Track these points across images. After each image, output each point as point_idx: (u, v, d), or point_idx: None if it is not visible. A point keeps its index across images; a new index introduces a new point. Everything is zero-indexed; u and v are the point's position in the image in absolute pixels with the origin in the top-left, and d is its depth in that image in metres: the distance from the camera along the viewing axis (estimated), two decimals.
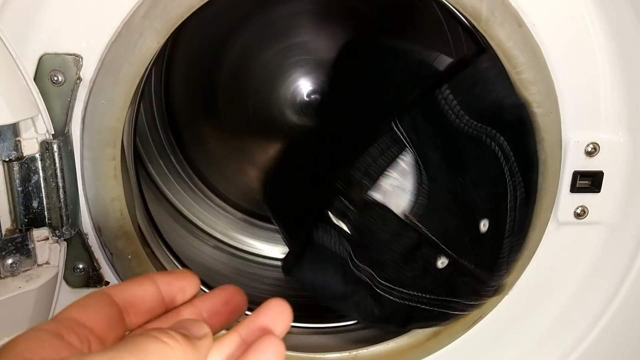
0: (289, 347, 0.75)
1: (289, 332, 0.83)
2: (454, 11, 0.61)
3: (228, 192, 1.10)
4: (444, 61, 0.68)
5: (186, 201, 1.06)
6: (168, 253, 0.82)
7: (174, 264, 0.82)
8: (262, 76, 1.02)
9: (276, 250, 1.07)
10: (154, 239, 0.78)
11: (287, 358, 0.75)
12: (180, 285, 0.40)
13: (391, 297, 0.67)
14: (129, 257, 0.67)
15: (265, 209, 0.99)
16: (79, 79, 0.59)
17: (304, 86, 1.01)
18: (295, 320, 0.82)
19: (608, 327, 0.73)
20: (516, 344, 0.76)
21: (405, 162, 0.64)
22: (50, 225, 0.60)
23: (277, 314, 0.39)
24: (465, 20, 0.61)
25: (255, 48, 1.01)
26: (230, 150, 1.10)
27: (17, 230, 0.58)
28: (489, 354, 0.77)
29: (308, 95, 1.01)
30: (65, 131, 0.60)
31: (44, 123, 0.57)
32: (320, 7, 1.00)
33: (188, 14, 0.58)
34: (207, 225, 1.06)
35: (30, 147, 0.57)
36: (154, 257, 0.75)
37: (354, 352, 0.75)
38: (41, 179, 0.58)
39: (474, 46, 0.66)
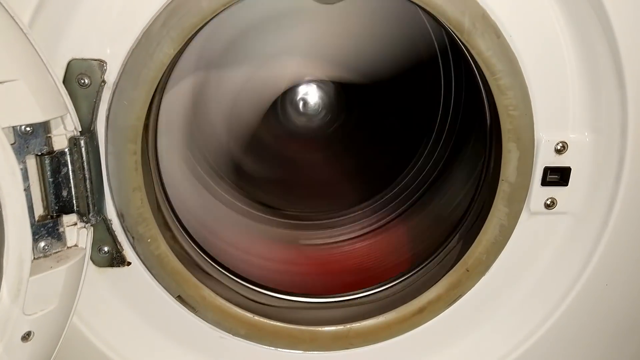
0: (288, 321, 0.76)
1: (288, 307, 0.84)
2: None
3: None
4: None
5: None
6: (186, 237, 0.82)
7: (192, 246, 0.82)
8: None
9: None
10: (175, 225, 0.78)
11: (288, 330, 0.76)
12: None
13: None
14: (148, 240, 0.67)
15: None
16: (103, 82, 0.59)
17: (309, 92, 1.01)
18: (294, 296, 0.84)
19: (573, 303, 0.74)
20: (491, 319, 0.77)
21: None
22: (78, 212, 0.61)
23: None
24: (449, 30, 0.62)
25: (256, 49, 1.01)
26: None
27: (49, 216, 0.58)
28: (467, 328, 0.78)
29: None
30: (91, 128, 0.60)
31: (72, 121, 0.58)
32: None
33: (201, 24, 0.59)
34: None
35: (59, 142, 0.58)
36: (174, 241, 0.75)
37: (348, 326, 0.76)
38: (70, 171, 0.59)
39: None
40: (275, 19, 0.96)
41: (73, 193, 0.60)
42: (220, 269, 0.84)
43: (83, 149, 0.59)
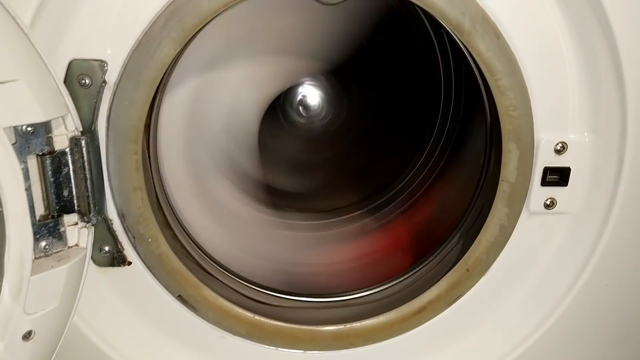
0: (289, 321, 0.76)
1: (289, 307, 0.84)
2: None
3: None
4: None
5: None
6: (187, 235, 0.83)
7: (192, 244, 0.83)
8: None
9: None
10: (176, 223, 0.79)
11: (288, 330, 0.76)
12: None
13: None
14: (149, 240, 0.68)
15: None
16: (104, 82, 0.59)
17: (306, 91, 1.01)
18: (295, 296, 0.84)
19: (573, 303, 0.74)
20: (491, 319, 0.77)
21: None
22: (79, 212, 0.61)
23: None
24: (449, 31, 0.62)
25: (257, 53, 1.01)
26: None
27: (50, 216, 0.58)
28: (467, 328, 0.78)
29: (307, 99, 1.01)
30: (92, 128, 0.60)
31: (73, 121, 0.58)
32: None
33: (201, 25, 0.59)
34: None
35: (60, 142, 0.58)
36: (169, 239, 0.76)
37: (348, 326, 0.76)
38: (71, 171, 0.59)
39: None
40: (277, 18, 0.96)
41: (74, 193, 0.60)
42: (221, 269, 0.84)
43: (84, 149, 0.59)
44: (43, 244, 0.58)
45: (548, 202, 0.69)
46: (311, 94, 1.03)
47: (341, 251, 1.03)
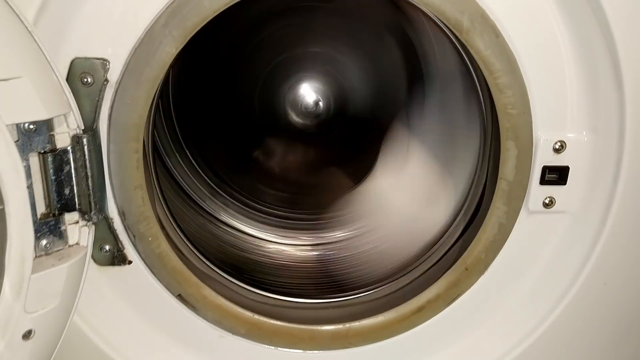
0: (290, 320, 0.76)
1: (288, 307, 0.85)
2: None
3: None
4: None
5: (196, 188, 1.06)
6: (180, 235, 0.83)
7: (186, 244, 0.83)
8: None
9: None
10: (169, 223, 0.79)
11: (288, 330, 0.76)
12: None
13: None
14: (149, 239, 0.68)
15: None
16: (106, 80, 0.60)
17: (306, 89, 1.01)
18: (295, 297, 0.84)
19: (572, 303, 0.74)
20: (490, 318, 0.77)
21: None
22: (80, 210, 0.61)
23: None
24: (447, 30, 0.63)
25: (260, 51, 1.01)
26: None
27: (51, 214, 0.58)
28: (466, 327, 0.78)
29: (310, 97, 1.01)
30: (94, 127, 0.61)
31: (75, 119, 0.58)
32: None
33: (203, 24, 0.59)
34: (213, 209, 1.06)
35: (62, 140, 0.58)
36: (168, 238, 0.76)
37: (347, 325, 0.76)
38: (72, 169, 0.59)
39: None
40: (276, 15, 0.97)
41: (75, 191, 0.60)
42: (216, 269, 0.84)
43: (85, 147, 0.59)
44: (44, 242, 0.58)
45: (547, 201, 0.69)
46: (309, 92, 1.03)
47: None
